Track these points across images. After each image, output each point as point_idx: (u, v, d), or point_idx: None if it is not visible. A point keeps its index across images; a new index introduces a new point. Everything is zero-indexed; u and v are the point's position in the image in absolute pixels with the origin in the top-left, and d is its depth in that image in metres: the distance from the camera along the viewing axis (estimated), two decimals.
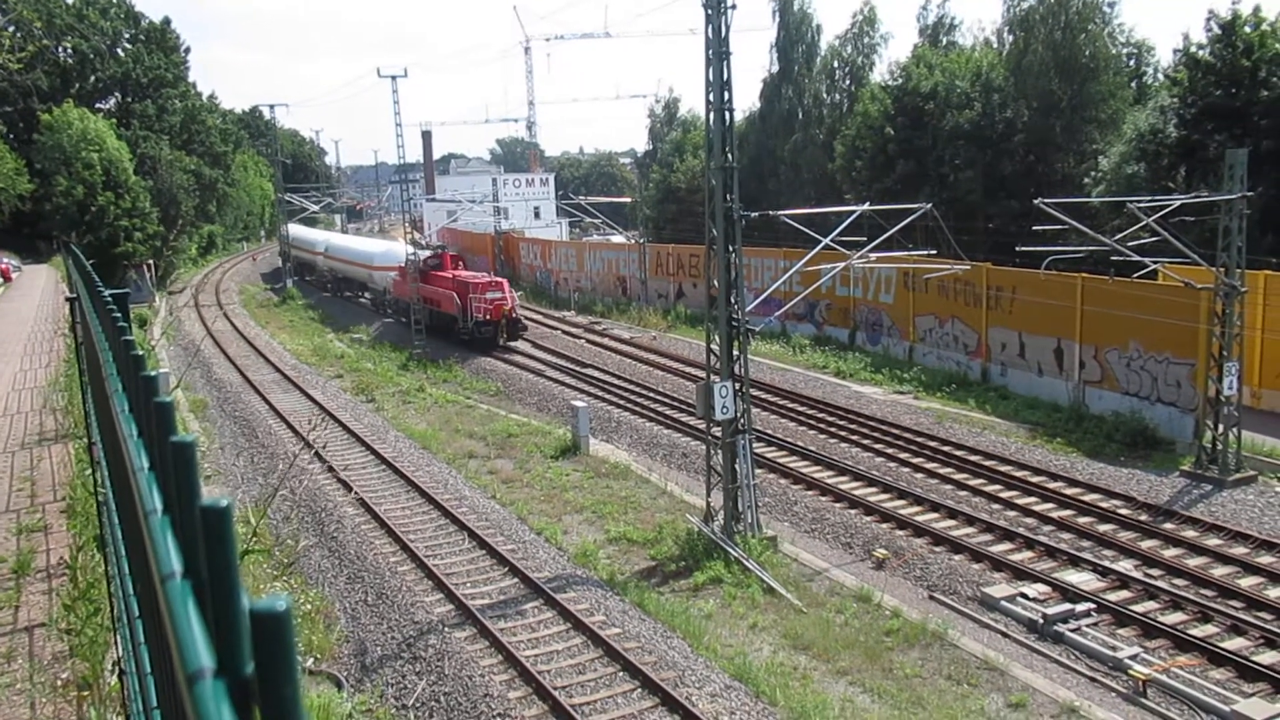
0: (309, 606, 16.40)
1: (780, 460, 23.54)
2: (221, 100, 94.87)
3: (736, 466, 18.82)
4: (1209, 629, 15.09)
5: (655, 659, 14.38)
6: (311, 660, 14.59)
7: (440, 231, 64.44)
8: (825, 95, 60.61)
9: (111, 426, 2.89)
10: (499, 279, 41.55)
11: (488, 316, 38.30)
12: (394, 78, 45.94)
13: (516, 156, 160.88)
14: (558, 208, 78.99)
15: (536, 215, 77.58)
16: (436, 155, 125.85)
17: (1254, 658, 14.09)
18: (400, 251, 48.09)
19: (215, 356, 39.60)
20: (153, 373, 1.84)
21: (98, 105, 62.74)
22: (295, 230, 70.88)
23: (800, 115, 60.35)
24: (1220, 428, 20.86)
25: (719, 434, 19.05)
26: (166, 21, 69.54)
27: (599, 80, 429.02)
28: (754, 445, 19.72)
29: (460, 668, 14.26)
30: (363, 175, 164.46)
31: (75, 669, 7.54)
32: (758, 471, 19.93)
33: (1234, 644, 14.55)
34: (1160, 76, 45.85)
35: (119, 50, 67.25)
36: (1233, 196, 20.17)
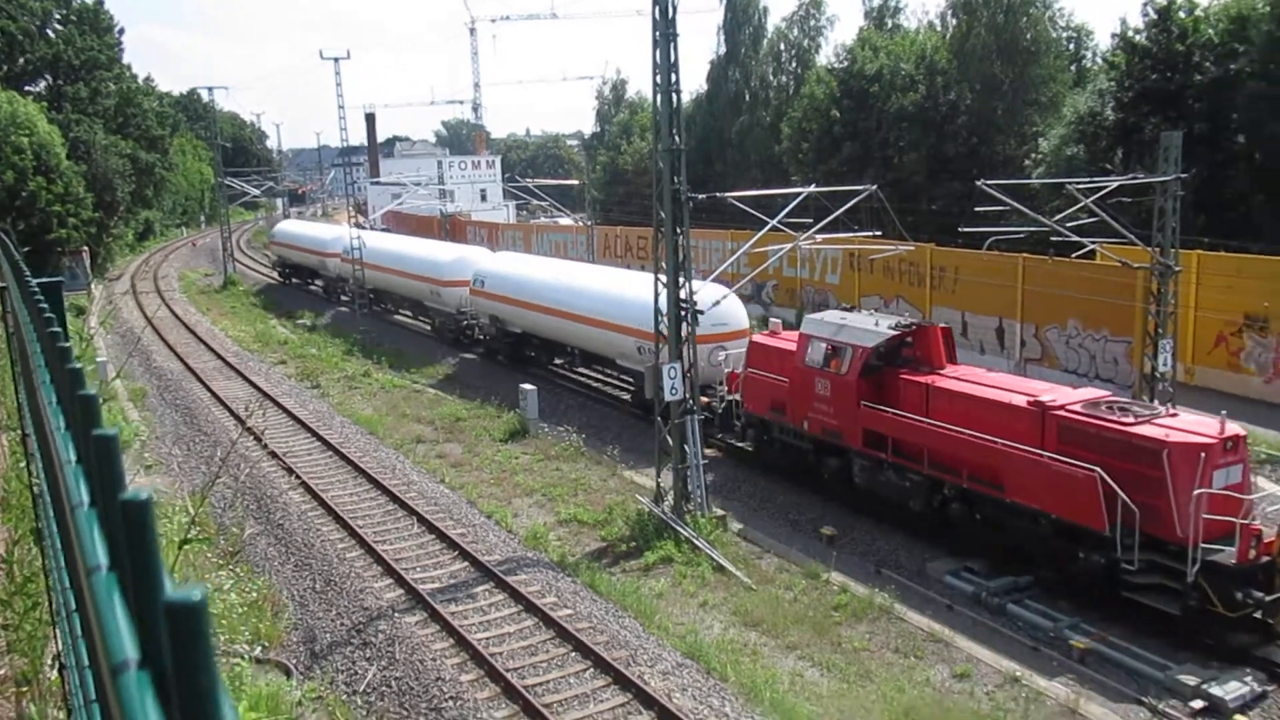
0: (255, 595, 16.20)
1: (729, 439, 23.67)
2: (158, 83, 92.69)
3: (686, 447, 18.92)
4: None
5: (607, 639, 14.45)
6: (259, 649, 14.44)
7: (385, 215, 63.67)
8: (772, 77, 60.86)
9: (42, 418, 2.84)
10: (1234, 431, 14.31)
11: (1256, 554, 13.65)
12: (336, 60, 45.32)
13: (462, 139, 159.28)
14: (504, 190, 78.47)
15: (483, 198, 77.03)
16: (381, 138, 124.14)
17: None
18: (732, 311, 24.64)
19: (155, 344, 38.80)
20: (78, 365, 1.81)
21: (27, 88, 60.81)
22: (377, 241, 45.06)
23: (747, 97, 60.57)
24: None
25: (668, 415, 19.12)
26: (99, 1, 67.61)
27: (546, 62, 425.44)
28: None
29: (411, 652, 14.21)
30: (305, 158, 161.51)
31: (13, 665, 7.39)
32: (706, 451, 20.04)
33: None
34: (1099, 60, 46.69)
35: (49, 31, 65.15)
36: (1167, 178, 20.63)
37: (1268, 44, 30.64)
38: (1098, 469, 14.01)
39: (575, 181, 72.73)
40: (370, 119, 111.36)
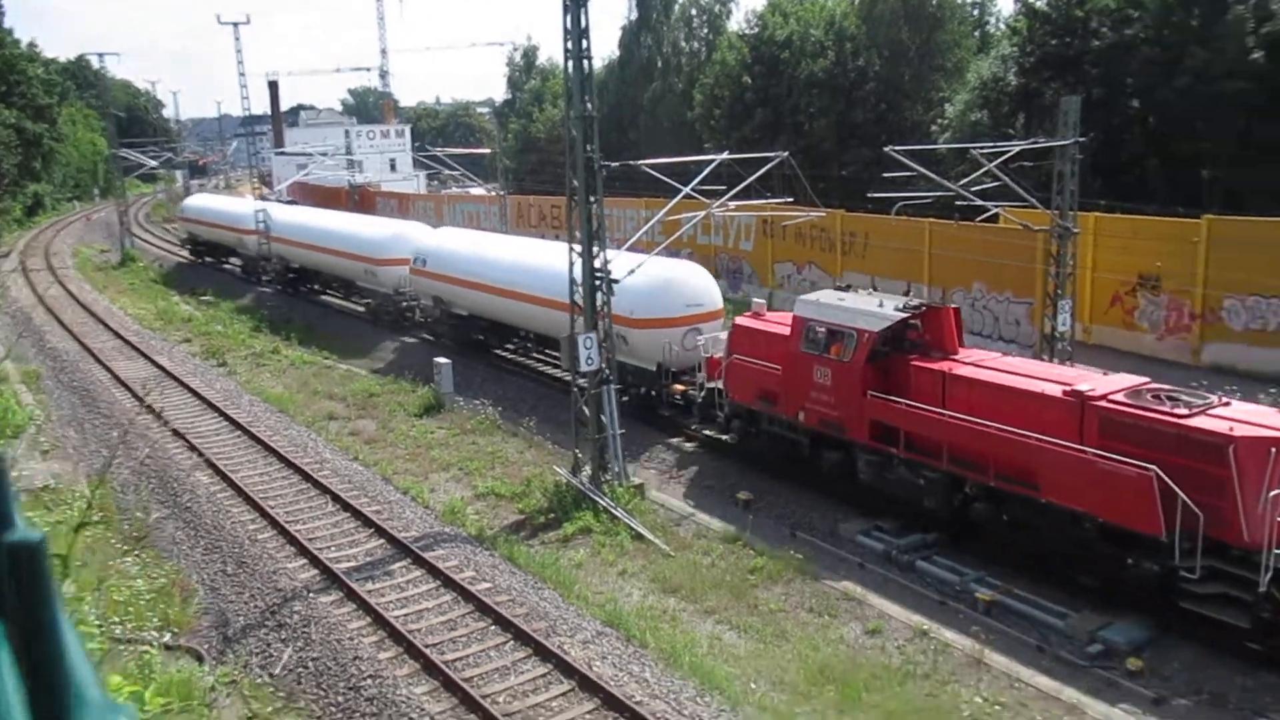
0: (163, 580, 15.77)
1: (643, 408, 23.77)
2: (43, 48, 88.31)
3: (602, 417, 18.94)
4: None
5: (527, 610, 14.46)
6: (169, 635, 14.07)
7: (290, 186, 61.97)
8: (684, 43, 60.84)
9: None
10: None
11: None
12: (236, 25, 43.75)
13: (370, 107, 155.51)
14: (414, 160, 77.00)
15: (393, 168, 75.49)
16: (285, 106, 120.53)
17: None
18: (706, 290, 24.48)
19: (49, 324, 37.25)
20: None
21: None
22: (303, 216, 43.83)
23: (660, 64, 60.46)
24: (1055, 362, 22.13)
25: (584, 385, 19.10)
26: None
27: (455, 28, 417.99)
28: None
29: (328, 632, 14.01)
30: (205, 128, 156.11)
31: None
32: (623, 420, 20.09)
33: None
34: (1002, 26, 47.73)
35: None
36: (1066, 142, 21.24)
37: (1160, 10, 31.65)
38: (1154, 467, 12.46)
39: (487, 150, 71.74)
40: (273, 87, 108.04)
